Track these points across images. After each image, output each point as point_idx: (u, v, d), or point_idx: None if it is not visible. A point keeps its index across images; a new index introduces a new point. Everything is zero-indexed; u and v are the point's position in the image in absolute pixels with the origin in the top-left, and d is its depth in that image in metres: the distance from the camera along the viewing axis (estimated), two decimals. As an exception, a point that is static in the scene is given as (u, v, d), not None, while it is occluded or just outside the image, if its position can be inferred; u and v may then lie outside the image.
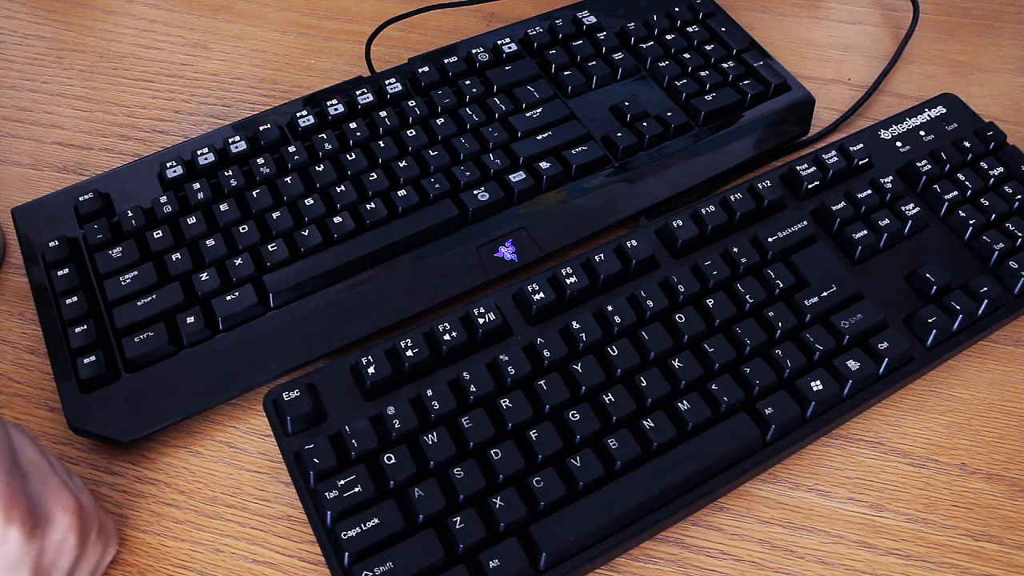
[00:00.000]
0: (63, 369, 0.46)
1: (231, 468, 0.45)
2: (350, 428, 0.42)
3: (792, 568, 0.42)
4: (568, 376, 0.44)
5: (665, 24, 0.62)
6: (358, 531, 0.39)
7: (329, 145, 0.53)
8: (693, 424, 0.42)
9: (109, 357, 0.46)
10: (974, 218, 0.51)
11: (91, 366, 0.45)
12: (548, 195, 0.53)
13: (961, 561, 0.42)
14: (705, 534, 0.43)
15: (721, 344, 0.45)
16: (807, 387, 0.44)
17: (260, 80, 0.63)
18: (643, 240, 0.49)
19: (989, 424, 0.47)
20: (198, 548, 0.42)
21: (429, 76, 0.57)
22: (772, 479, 0.45)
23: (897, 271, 0.50)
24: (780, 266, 0.48)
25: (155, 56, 0.65)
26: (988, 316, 0.48)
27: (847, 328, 0.46)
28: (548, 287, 0.47)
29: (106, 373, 0.45)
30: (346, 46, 0.66)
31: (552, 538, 0.39)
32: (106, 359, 0.45)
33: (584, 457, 0.41)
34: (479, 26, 0.67)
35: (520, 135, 0.55)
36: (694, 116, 0.57)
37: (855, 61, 0.66)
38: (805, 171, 0.52)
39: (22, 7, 0.69)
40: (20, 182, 0.57)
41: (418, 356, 0.44)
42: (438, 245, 0.50)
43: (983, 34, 0.68)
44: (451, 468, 0.40)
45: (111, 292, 0.47)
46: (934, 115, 0.57)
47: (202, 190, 0.51)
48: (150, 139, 0.60)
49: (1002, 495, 0.45)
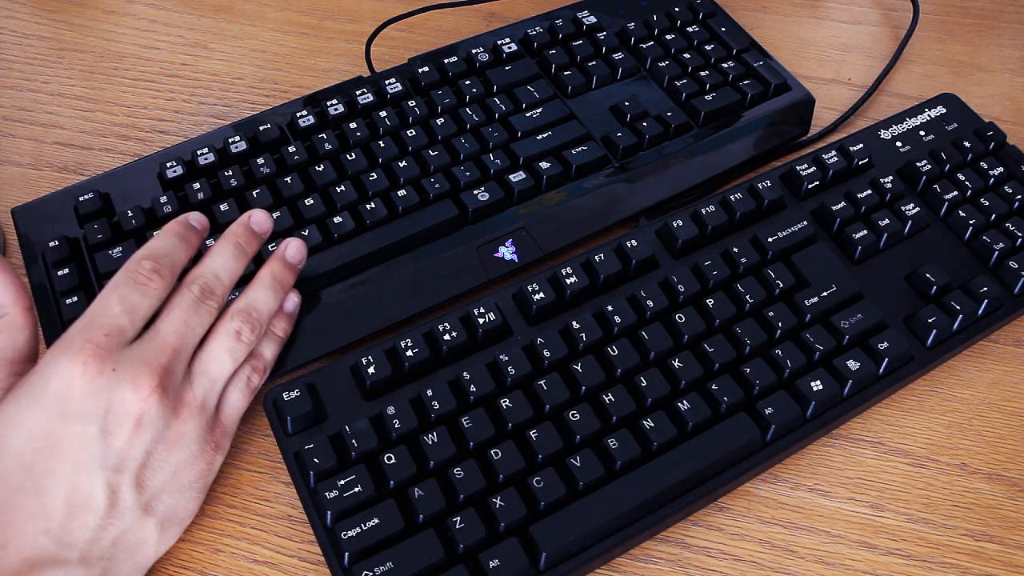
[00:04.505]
0: (63, 369, 0.46)
1: (231, 468, 0.45)
2: (350, 428, 0.42)
3: (792, 568, 0.42)
4: (568, 376, 0.44)
5: (665, 24, 0.62)
6: (358, 531, 0.39)
7: (329, 145, 0.53)
8: (693, 424, 0.42)
9: (109, 357, 0.46)
10: (974, 218, 0.51)
11: (91, 366, 0.45)
12: (548, 195, 0.53)
13: (961, 561, 0.42)
14: (705, 534, 0.43)
15: (721, 344, 0.45)
16: (807, 387, 0.44)
17: (260, 80, 0.63)
18: (643, 240, 0.49)
19: (989, 424, 0.47)
20: (198, 548, 0.42)
21: (429, 76, 0.57)
22: (772, 479, 0.45)
23: (897, 271, 0.50)
24: (780, 266, 0.48)
25: (155, 56, 0.65)
26: (988, 316, 0.48)
27: (847, 328, 0.46)
28: (548, 287, 0.47)
29: (106, 373, 0.45)
30: (346, 46, 0.66)
31: (552, 538, 0.39)
32: (106, 359, 0.45)
33: (584, 457, 0.41)
34: (479, 26, 0.67)
35: (520, 135, 0.55)
36: (694, 116, 0.57)
37: (855, 61, 0.66)
38: (805, 171, 0.53)
39: (22, 7, 0.69)
40: (20, 182, 0.57)
41: (418, 356, 0.44)
42: (438, 245, 0.50)
43: (983, 34, 0.68)
44: (451, 468, 0.40)
45: (111, 292, 0.47)
46: (934, 115, 0.57)
47: (202, 190, 0.51)
48: (150, 139, 0.60)
49: (1002, 495, 0.45)
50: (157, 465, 0.38)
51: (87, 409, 0.36)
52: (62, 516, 0.36)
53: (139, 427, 0.37)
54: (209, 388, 0.40)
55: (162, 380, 0.37)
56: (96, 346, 0.36)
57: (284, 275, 0.44)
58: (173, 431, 0.38)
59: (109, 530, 0.37)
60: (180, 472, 0.39)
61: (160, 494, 0.38)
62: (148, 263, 0.39)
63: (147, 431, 0.37)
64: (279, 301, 0.44)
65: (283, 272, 0.44)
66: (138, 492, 0.37)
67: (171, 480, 0.39)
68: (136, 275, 0.39)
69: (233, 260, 0.43)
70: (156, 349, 0.38)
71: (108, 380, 0.36)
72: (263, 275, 0.44)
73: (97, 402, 0.36)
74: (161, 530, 0.39)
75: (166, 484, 0.39)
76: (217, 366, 0.40)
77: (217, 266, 0.42)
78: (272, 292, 0.43)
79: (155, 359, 0.38)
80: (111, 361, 0.37)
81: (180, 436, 0.39)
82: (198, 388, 0.40)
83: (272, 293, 0.43)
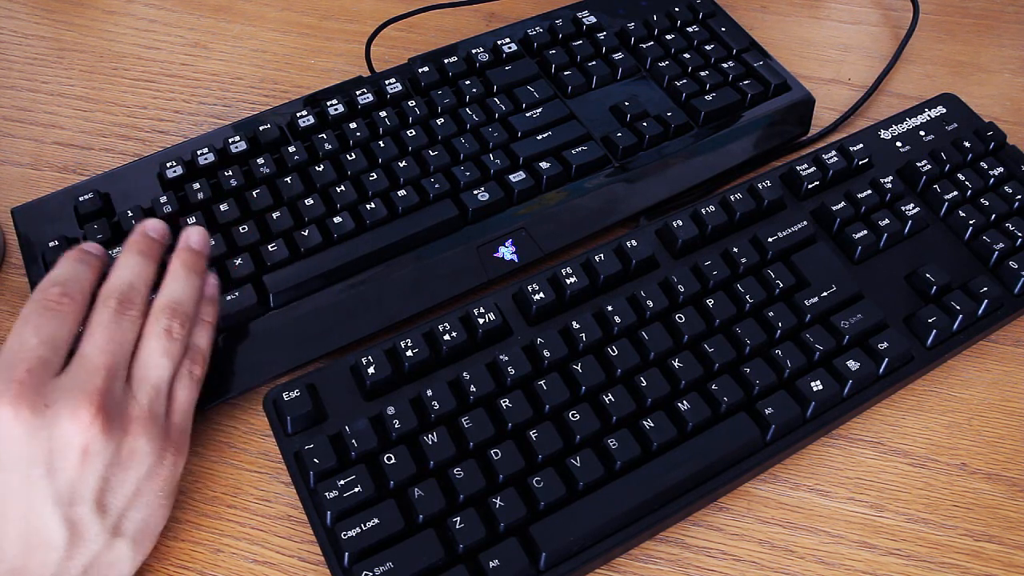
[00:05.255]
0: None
1: (231, 468, 0.45)
2: (350, 428, 0.42)
3: (792, 568, 0.42)
4: (568, 376, 0.44)
5: (665, 24, 0.62)
6: (358, 531, 0.39)
7: (329, 145, 0.53)
8: (693, 424, 0.42)
9: (109, 357, 0.46)
10: (974, 218, 0.51)
11: (91, 366, 0.45)
12: (548, 195, 0.53)
13: (961, 561, 0.42)
14: (705, 534, 0.43)
15: (721, 344, 0.45)
16: (807, 387, 0.44)
17: (260, 80, 0.63)
18: (643, 240, 0.49)
19: (989, 424, 0.47)
20: (198, 548, 0.42)
21: (429, 76, 0.57)
22: (772, 479, 0.45)
23: (897, 271, 0.50)
24: (780, 266, 0.48)
25: (155, 56, 0.65)
26: (988, 316, 0.48)
27: (847, 328, 0.46)
28: (548, 287, 0.47)
29: (106, 373, 0.45)
30: (346, 46, 0.66)
31: (552, 538, 0.39)
32: (106, 359, 0.45)
33: (584, 457, 0.41)
34: (479, 26, 0.67)
35: (520, 135, 0.55)
36: (694, 116, 0.57)
37: (855, 61, 0.66)
38: (805, 171, 0.53)
39: (22, 7, 0.69)
40: (20, 182, 0.57)
41: (418, 356, 0.44)
42: (438, 245, 0.50)
43: (983, 34, 0.68)
44: (451, 468, 0.40)
45: (111, 292, 0.47)
46: (934, 115, 0.57)
47: (202, 190, 0.51)
48: (150, 139, 0.60)
49: (1002, 495, 0.45)
50: (117, 486, 0.37)
51: (27, 454, 0.34)
52: (20, 560, 0.35)
53: (87, 456, 0.35)
54: (154, 395, 0.39)
55: (102, 403, 0.36)
56: (21, 384, 0.34)
57: (195, 260, 0.43)
58: (126, 449, 0.37)
59: (76, 560, 0.36)
60: (143, 487, 0.38)
61: (127, 512, 0.37)
62: (55, 288, 0.38)
63: (97, 458, 0.36)
64: (198, 288, 0.42)
65: (193, 258, 0.43)
66: (102, 517, 0.36)
67: (135, 497, 0.38)
68: (45, 302, 0.37)
69: (141, 266, 0.41)
70: (87, 373, 0.36)
71: (44, 419, 0.34)
72: (174, 267, 0.42)
73: (38, 443, 0.34)
74: (135, 546, 0.38)
75: (131, 502, 0.37)
76: (157, 370, 0.39)
77: (127, 275, 0.40)
78: (188, 281, 0.42)
79: (89, 383, 0.36)
80: (42, 397, 0.35)
81: (134, 452, 0.37)
82: (142, 398, 0.38)
83: (189, 282, 0.42)
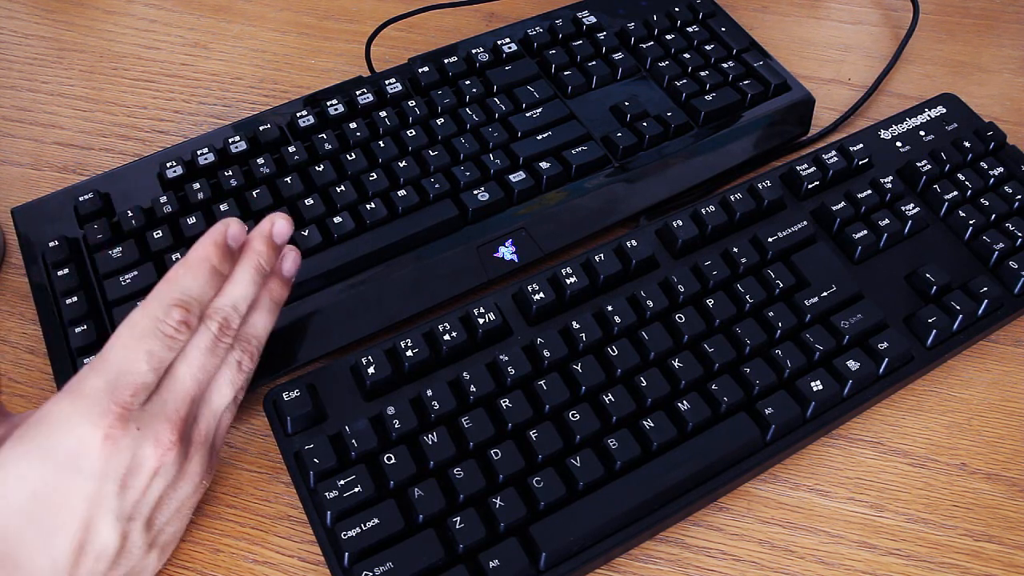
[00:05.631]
0: (63, 369, 0.46)
1: (231, 468, 0.45)
2: (350, 428, 0.42)
3: (792, 568, 0.42)
4: (568, 376, 0.44)
5: (665, 24, 0.62)
6: (358, 531, 0.39)
7: (329, 145, 0.53)
8: (693, 424, 0.42)
9: (109, 357, 0.46)
10: (974, 218, 0.51)
11: (91, 366, 0.45)
12: (548, 195, 0.53)
13: (961, 561, 0.42)
14: (705, 534, 0.43)
15: (721, 344, 0.45)
16: (807, 387, 0.44)
17: (260, 80, 0.63)
18: (643, 240, 0.49)
19: (989, 424, 0.47)
20: (198, 548, 0.42)
21: (429, 76, 0.57)
22: (772, 479, 0.45)
23: (897, 271, 0.50)
24: (780, 266, 0.48)
25: (155, 56, 0.65)
26: (988, 316, 0.48)
27: (847, 328, 0.46)
28: (548, 287, 0.47)
29: (106, 373, 0.45)
30: (346, 46, 0.66)
31: (552, 538, 0.39)
32: (106, 359, 0.45)
33: (584, 457, 0.41)
34: (479, 26, 0.67)
35: (520, 135, 0.55)
36: (694, 116, 0.57)
37: (855, 61, 0.66)
38: (805, 171, 0.53)
39: (22, 7, 0.69)
40: (20, 182, 0.57)
41: (418, 356, 0.44)
42: (438, 245, 0.50)
43: (983, 34, 0.68)
44: (451, 468, 0.40)
45: (111, 292, 0.47)
46: (934, 115, 0.57)
47: (202, 190, 0.51)
48: (150, 139, 0.60)
49: (1002, 495, 0.45)
50: (165, 505, 0.38)
51: (108, 468, 0.35)
52: (71, 560, 0.35)
53: (155, 477, 0.37)
54: (212, 422, 0.40)
55: (183, 431, 0.37)
56: (124, 409, 0.35)
57: (281, 294, 0.43)
58: (183, 471, 0.38)
59: (117, 570, 0.37)
60: (183, 504, 0.39)
61: (165, 528, 0.39)
62: (178, 313, 0.37)
63: (161, 480, 0.37)
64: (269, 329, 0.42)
65: (280, 291, 0.43)
66: (147, 533, 0.38)
67: (176, 514, 0.39)
68: (165, 326, 0.37)
69: (253, 287, 0.40)
70: (176, 401, 0.37)
71: (131, 440, 0.36)
72: (263, 300, 0.42)
73: (119, 460, 0.36)
74: (161, 555, 0.40)
75: (171, 518, 0.39)
76: (221, 400, 0.40)
77: (237, 295, 0.40)
78: (270, 316, 0.42)
79: (175, 413, 0.37)
80: (134, 420, 0.36)
81: (187, 474, 0.39)
82: (203, 425, 0.39)
83: (270, 317, 0.42)
